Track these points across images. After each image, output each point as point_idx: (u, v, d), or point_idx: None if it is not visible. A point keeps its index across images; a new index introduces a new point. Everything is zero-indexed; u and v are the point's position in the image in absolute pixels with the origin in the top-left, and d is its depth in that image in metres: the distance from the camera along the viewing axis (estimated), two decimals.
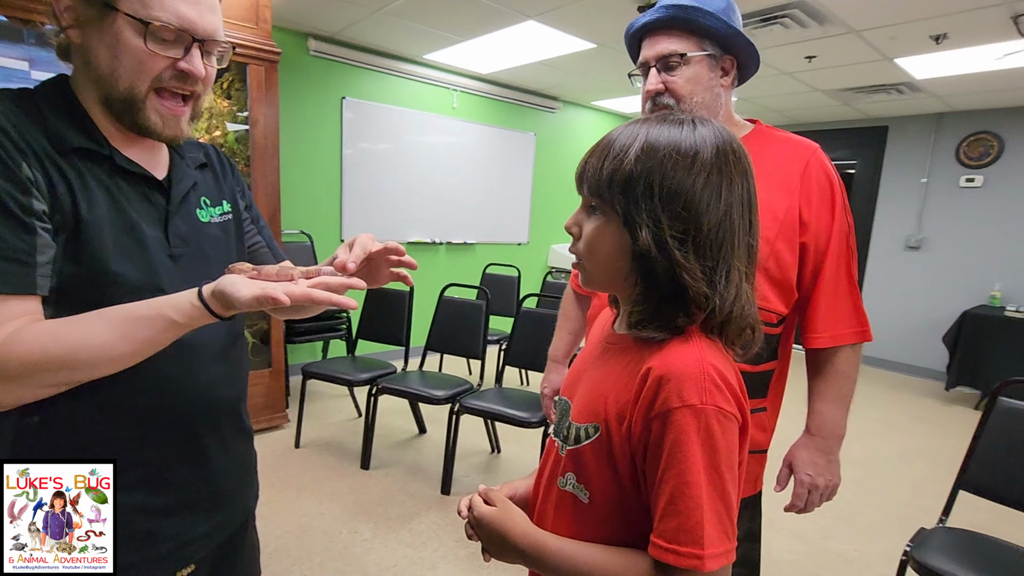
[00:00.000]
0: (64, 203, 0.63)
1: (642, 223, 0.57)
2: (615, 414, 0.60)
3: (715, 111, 1.02)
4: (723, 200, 0.58)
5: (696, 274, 0.57)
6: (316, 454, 2.76)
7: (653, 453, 0.56)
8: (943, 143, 4.75)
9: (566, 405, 0.70)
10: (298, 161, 3.70)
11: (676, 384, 0.55)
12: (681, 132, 0.59)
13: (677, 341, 0.59)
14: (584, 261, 0.64)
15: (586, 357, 0.74)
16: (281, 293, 0.59)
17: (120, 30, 0.64)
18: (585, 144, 5.60)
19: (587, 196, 0.63)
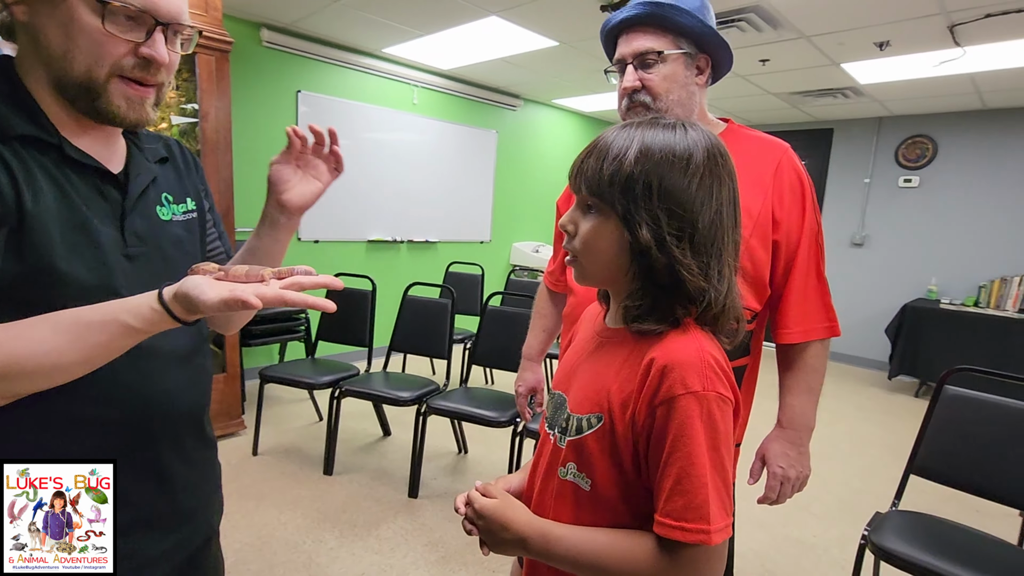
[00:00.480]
0: (6, 194, 0.57)
1: (642, 221, 0.60)
2: (618, 403, 0.63)
3: (690, 109, 1.03)
4: (715, 199, 0.62)
5: (693, 270, 0.60)
6: (276, 461, 2.65)
7: (657, 438, 0.59)
8: (883, 145, 5.02)
9: (561, 399, 0.72)
10: (251, 157, 3.55)
11: (679, 372, 0.58)
12: (675, 136, 0.62)
13: (675, 332, 0.62)
14: (580, 258, 0.66)
15: (578, 352, 0.75)
16: (251, 295, 0.55)
17: (73, 7, 0.58)
18: (547, 142, 5.64)
19: (585, 195, 0.65)
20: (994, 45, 2.97)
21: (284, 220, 0.84)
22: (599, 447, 0.64)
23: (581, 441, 0.66)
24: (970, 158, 4.60)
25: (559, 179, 5.78)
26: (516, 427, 2.26)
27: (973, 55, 3.11)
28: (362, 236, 4.24)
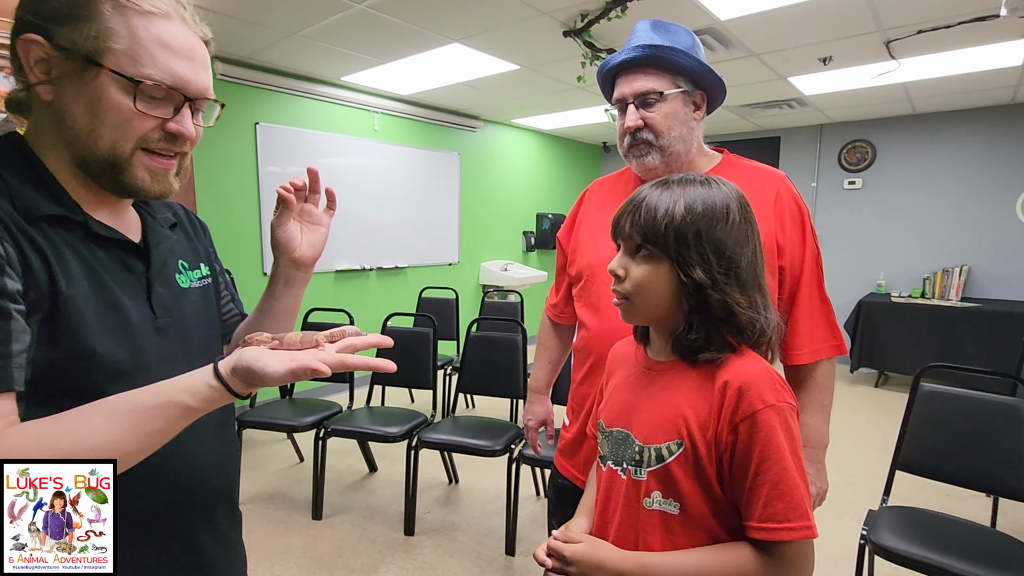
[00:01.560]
0: (39, 279, 0.54)
1: (695, 264, 0.69)
2: (697, 427, 0.68)
3: (690, 143, 1.06)
4: (750, 242, 0.72)
5: (743, 304, 0.69)
6: (260, 509, 2.54)
7: (743, 452, 0.65)
8: (827, 151, 5.31)
9: (623, 434, 0.77)
10: (212, 193, 3.44)
11: (756, 390, 0.66)
12: (711, 191, 0.71)
13: (735, 357, 0.70)
14: (633, 298, 0.73)
15: (627, 388, 0.81)
16: (320, 364, 0.54)
17: (103, 87, 0.57)
18: (508, 160, 5.69)
19: (638, 242, 0.72)
20: (925, 57, 3.21)
21: (301, 275, 0.83)
22: (683, 471, 0.69)
23: (664, 469, 0.70)
24: (906, 159, 4.92)
25: (520, 198, 5.84)
26: (511, 454, 2.24)
27: (907, 66, 3.35)
28: (329, 267, 4.15)
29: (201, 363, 0.65)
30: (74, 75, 0.56)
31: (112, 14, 0.56)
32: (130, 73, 0.57)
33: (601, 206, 1.23)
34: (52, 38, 0.56)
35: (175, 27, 0.60)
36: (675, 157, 1.07)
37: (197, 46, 0.63)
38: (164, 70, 0.58)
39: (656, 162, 1.06)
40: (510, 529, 2.22)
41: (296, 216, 0.81)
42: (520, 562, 2.17)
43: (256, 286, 3.69)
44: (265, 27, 2.92)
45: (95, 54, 0.56)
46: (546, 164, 6.10)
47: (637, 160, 1.08)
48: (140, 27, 0.57)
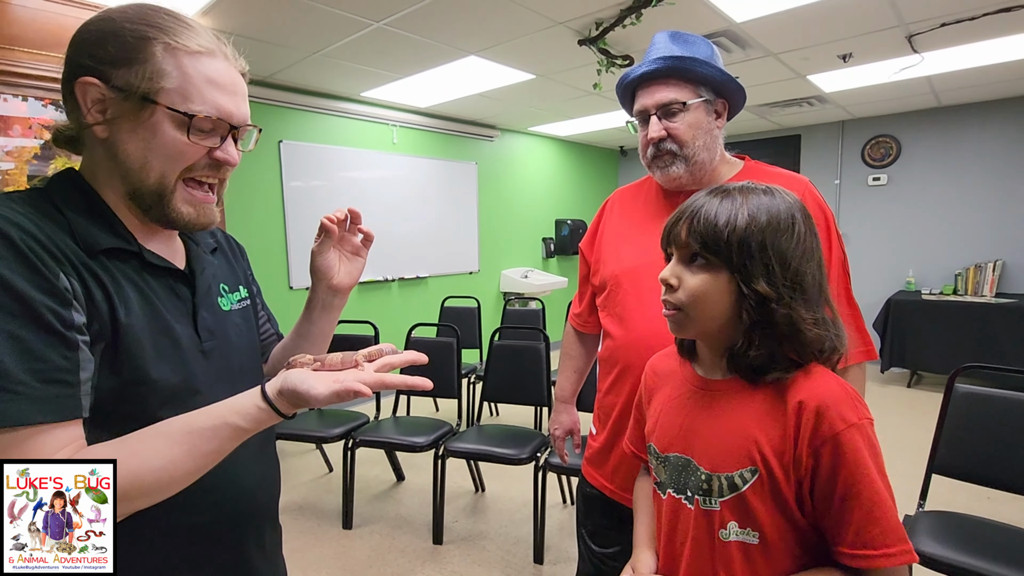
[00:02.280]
0: (102, 310, 0.57)
1: (759, 276, 0.65)
2: (771, 451, 0.65)
3: (714, 152, 1.07)
4: (815, 255, 0.69)
5: (808, 320, 0.66)
6: (291, 519, 2.58)
7: (827, 475, 0.62)
8: (849, 147, 5.22)
9: (683, 461, 0.72)
10: (239, 210, 3.53)
11: (835, 410, 0.62)
12: (774, 201, 0.68)
13: (803, 375, 0.67)
14: (687, 309, 0.70)
15: (679, 409, 0.76)
16: (360, 384, 0.57)
17: (158, 123, 0.60)
18: (526, 168, 5.71)
19: (696, 250, 0.69)
20: (949, 49, 3.14)
21: (337, 301, 0.86)
22: (761, 499, 0.65)
23: (740, 498, 0.66)
24: (933, 153, 4.81)
25: (539, 205, 5.86)
26: (537, 462, 2.25)
27: (930, 59, 3.28)
28: None
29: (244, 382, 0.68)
30: (130, 113, 0.60)
31: (164, 56, 0.60)
32: (182, 109, 0.60)
33: (623, 216, 1.24)
34: (108, 80, 0.59)
35: (219, 64, 0.64)
36: (700, 166, 1.07)
37: (238, 80, 0.66)
38: (211, 105, 0.62)
39: (681, 171, 1.07)
40: (538, 537, 2.22)
41: (336, 244, 0.85)
42: (549, 570, 2.16)
43: (283, 300, 3.77)
44: (287, 48, 3.00)
45: (151, 93, 0.59)
46: (564, 170, 6.12)
47: (661, 171, 1.09)
48: (189, 66, 0.61)
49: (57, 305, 0.53)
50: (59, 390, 0.52)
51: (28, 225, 0.54)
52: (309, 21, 2.63)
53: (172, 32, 0.61)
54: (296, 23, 2.66)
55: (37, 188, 0.62)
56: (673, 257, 0.73)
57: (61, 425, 0.53)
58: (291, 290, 3.86)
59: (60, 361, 0.53)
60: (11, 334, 0.50)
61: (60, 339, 0.53)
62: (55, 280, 0.53)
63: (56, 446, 0.52)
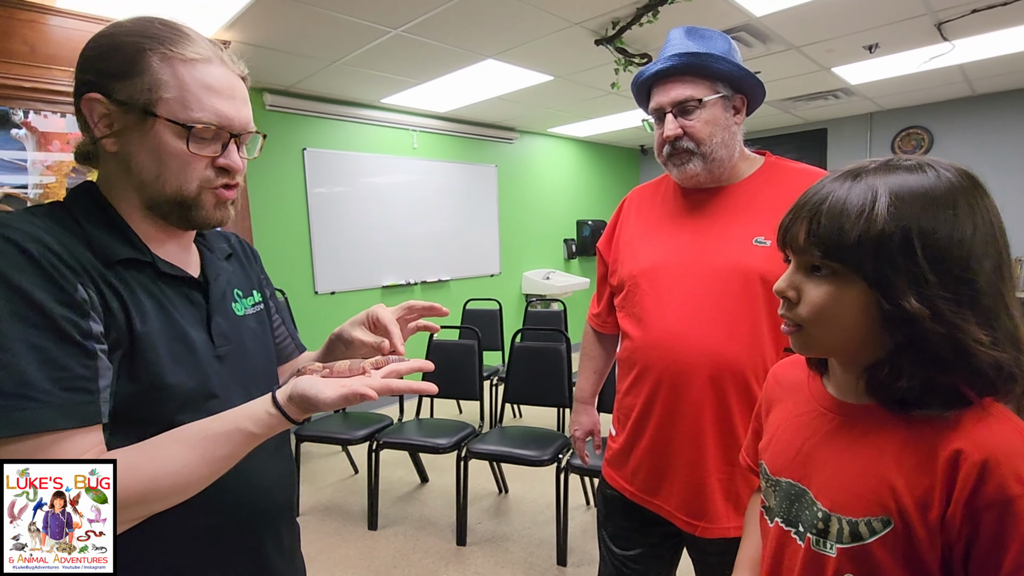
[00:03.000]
0: (119, 319, 0.59)
1: (905, 288, 0.51)
2: (912, 503, 0.52)
3: (733, 148, 1.06)
4: (991, 249, 0.52)
5: (983, 339, 0.50)
6: (318, 520, 2.63)
7: (989, 546, 0.49)
8: (879, 140, 5.07)
9: (798, 490, 0.62)
10: (265, 218, 3.61)
11: (1009, 467, 0.49)
12: (927, 178, 0.52)
13: (974, 415, 0.52)
14: (809, 327, 0.58)
15: (801, 429, 0.65)
16: (367, 389, 0.58)
17: (160, 134, 0.62)
18: (546, 170, 5.70)
19: (817, 258, 0.56)
20: (981, 36, 3.04)
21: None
22: (891, 556, 0.54)
23: (863, 549, 0.55)
24: (967, 143, 4.65)
25: (560, 206, 5.84)
26: (559, 464, 2.24)
27: (961, 47, 3.18)
28: (376, 283, 4.27)
29: (259, 384, 0.70)
30: (134, 126, 0.62)
31: (160, 66, 0.61)
32: (182, 119, 0.62)
33: (641, 215, 1.24)
34: (111, 95, 0.61)
35: (216, 69, 0.65)
36: (717, 163, 1.06)
37: (237, 84, 0.67)
38: (210, 111, 0.63)
39: (698, 169, 1.06)
40: (561, 539, 2.21)
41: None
42: (572, 572, 2.16)
43: (308, 304, 3.85)
44: (307, 57, 3.06)
45: (150, 105, 0.61)
46: (584, 171, 6.10)
47: (678, 169, 1.08)
48: (185, 74, 0.62)
49: (76, 316, 0.55)
50: (80, 397, 0.55)
51: (48, 239, 0.56)
52: (329, 31, 2.68)
53: (167, 42, 0.62)
54: (316, 33, 2.71)
55: (58, 202, 0.65)
56: (791, 263, 0.59)
57: (83, 431, 0.55)
58: (316, 295, 3.93)
59: (80, 370, 0.55)
60: (34, 345, 0.52)
61: (79, 348, 0.55)
62: (73, 292, 0.56)
63: (78, 451, 0.54)
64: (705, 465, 1.05)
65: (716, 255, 1.05)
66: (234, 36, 2.69)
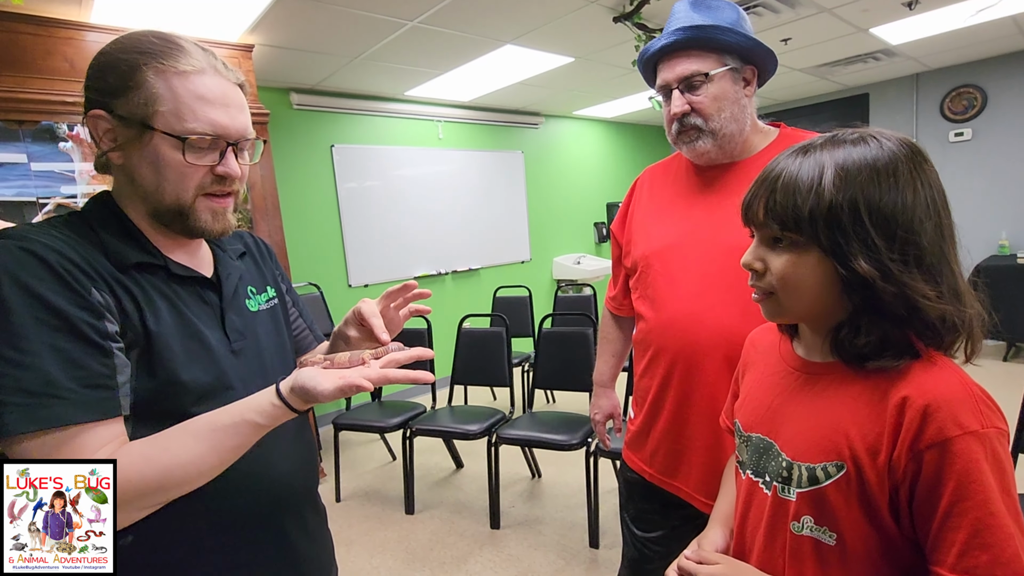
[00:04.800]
0: (133, 320, 0.63)
1: (856, 252, 0.55)
2: (864, 449, 0.57)
3: (743, 123, 1.03)
4: (931, 209, 0.57)
5: (929, 294, 0.55)
6: (359, 505, 2.73)
7: (929, 485, 0.53)
8: (925, 102, 4.79)
9: (765, 443, 0.67)
10: (297, 215, 3.72)
11: (948, 411, 0.53)
12: (869, 150, 0.57)
13: (921, 365, 0.57)
14: (779, 295, 0.62)
15: (771, 388, 0.70)
16: (362, 380, 0.60)
17: (158, 146, 0.65)
18: (574, 153, 5.64)
19: (776, 231, 0.61)
20: None
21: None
22: (844, 498, 0.58)
23: (819, 493, 0.59)
24: None
25: (589, 189, 5.78)
26: (588, 447, 2.25)
27: None
28: (408, 274, 4.34)
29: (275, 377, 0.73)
30: (135, 139, 0.65)
31: (155, 79, 0.64)
32: (177, 131, 0.64)
33: (653, 195, 1.22)
34: (112, 110, 0.65)
35: (209, 79, 0.67)
36: (728, 139, 1.03)
37: (231, 92, 0.69)
38: (205, 121, 0.65)
39: (708, 146, 1.03)
40: (592, 522, 2.23)
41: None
42: (604, 555, 2.17)
43: (342, 297, 3.95)
44: (329, 55, 3.11)
45: (147, 119, 0.64)
46: (612, 152, 6.00)
47: (687, 146, 1.06)
48: (179, 86, 0.64)
49: (92, 318, 0.59)
50: (100, 393, 0.59)
51: (64, 248, 0.60)
52: (347, 27, 2.72)
53: (161, 55, 0.64)
54: (335, 30, 2.75)
55: (77, 212, 0.69)
56: (755, 237, 0.64)
57: (104, 423, 0.59)
58: (350, 288, 4.03)
59: (99, 368, 0.59)
60: (55, 347, 0.57)
61: (97, 348, 0.59)
62: (88, 296, 0.60)
63: (99, 442, 0.58)
64: (722, 446, 1.04)
65: (730, 232, 1.03)
66: (257, 39, 2.76)
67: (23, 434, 0.55)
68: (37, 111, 2.13)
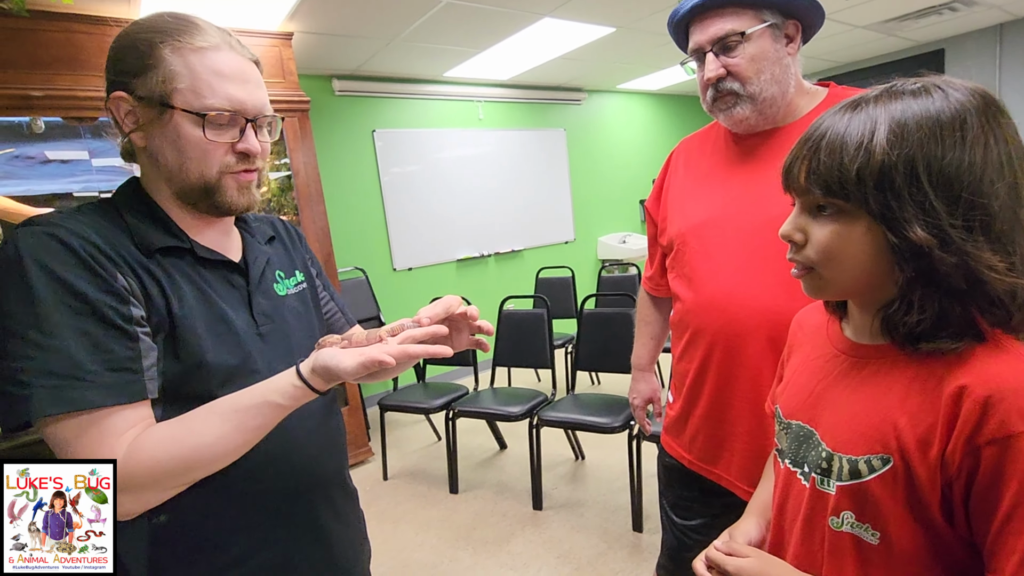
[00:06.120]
0: (158, 304, 0.64)
1: (910, 218, 0.49)
2: (914, 441, 0.51)
3: (786, 84, 0.94)
4: (1006, 168, 0.49)
5: (996, 265, 0.48)
6: (405, 484, 2.79)
7: (988, 484, 0.48)
8: (1011, 56, 4.34)
9: (806, 432, 0.62)
10: (341, 200, 3.78)
11: (1013, 403, 0.47)
12: (932, 102, 0.50)
13: (985, 350, 0.50)
14: (820, 269, 0.56)
15: (815, 372, 0.65)
16: (384, 355, 0.59)
17: (178, 124, 0.65)
18: (617, 129, 5.48)
19: (819, 197, 0.54)
20: None
21: None
22: (890, 495, 0.53)
23: (861, 487, 0.54)
24: None
25: (634, 166, 5.60)
26: (631, 431, 2.20)
27: None
28: (451, 256, 4.36)
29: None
30: (156, 119, 0.65)
31: (172, 57, 0.64)
32: (196, 108, 0.64)
33: (689, 168, 1.14)
34: (133, 91, 0.65)
35: (225, 55, 0.67)
36: (769, 103, 0.94)
37: (248, 68, 0.69)
38: (223, 96, 0.65)
39: (747, 112, 0.95)
40: (636, 506, 2.19)
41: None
42: (648, 539, 2.13)
43: (387, 282, 4.01)
44: (366, 38, 3.11)
45: (166, 97, 0.64)
46: (659, 126, 5.78)
47: (724, 114, 0.98)
48: (196, 63, 0.65)
49: (117, 303, 0.60)
50: (126, 377, 0.60)
51: (89, 234, 0.61)
52: (382, 8, 2.70)
53: (176, 33, 0.65)
54: (371, 12, 2.74)
55: (107, 198, 0.70)
56: (795, 206, 0.58)
57: (130, 407, 0.60)
58: (394, 272, 4.09)
59: (124, 352, 0.60)
60: (81, 331, 0.58)
61: (122, 332, 0.60)
62: (113, 281, 0.60)
63: (126, 425, 0.60)
64: (766, 432, 0.98)
65: (772, 204, 0.95)
66: (296, 27, 2.79)
67: (48, 416, 0.56)
68: (95, 108, 2.23)
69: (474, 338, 0.77)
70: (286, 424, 0.69)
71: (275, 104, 2.71)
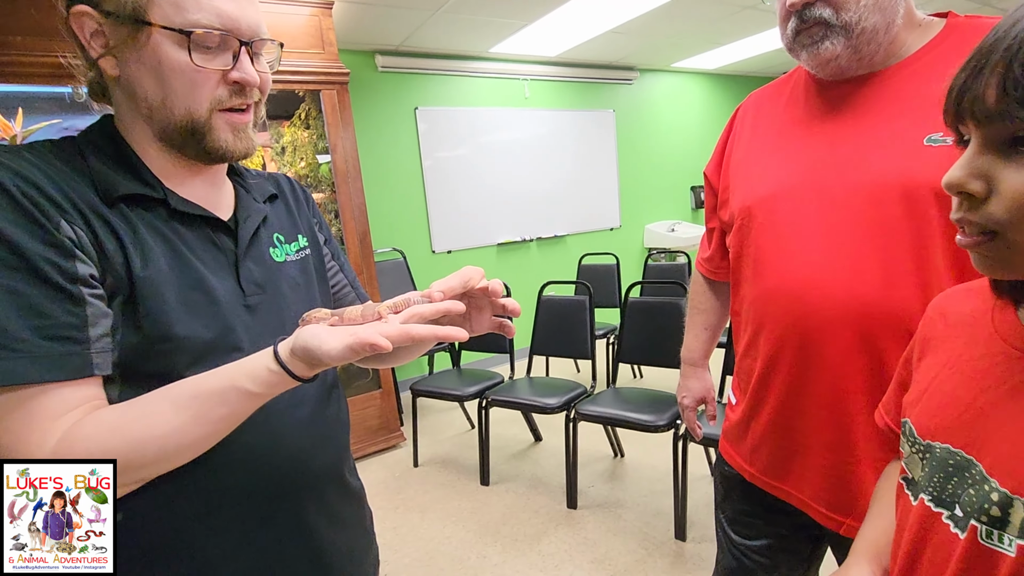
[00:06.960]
0: (115, 262, 0.53)
1: None
2: None
3: (893, 12, 0.74)
4: None
5: None
6: (435, 472, 2.71)
7: None
8: None
9: (961, 460, 0.47)
10: (380, 179, 3.71)
11: None
12: None
13: None
14: (1012, 233, 0.40)
15: (974, 378, 0.50)
16: (379, 337, 0.46)
17: (158, 46, 0.54)
18: (670, 112, 5.20)
19: (1020, 125, 0.39)
20: None
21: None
22: None
23: None
24: None
25: (687, 151, 5.31)
26: (677, 430, 2.02)
27: None
28: (492, 240, 4.24)
29: None
30: (129, 39, 0.54)
31: None
32: (178, 24, 0.53)
33: (758, 126, 0.96)
34: (98, 4, 0.54)
35: None
36: (868, 36, 0.75)
37: None
38: (210, 11, 0.54)
39: (838, 48, 0.76)
40: (679, 512, 2.01)
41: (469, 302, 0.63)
42: (692, 549, 1.96)
43: (426, 263, 3.93)
44: (408, 9, 3.00)
45: (140, 11, 0.53)
46: (714, 109, 5.45)
47: (808, 50, 0.79)
48: None
49: (58, 257, 0.49)
50: (65, 347, 0.49)
51: (32, 173, 0.51)
52: None
53: None
54: None
55: (69, 137, 0.60)
56: (971, 142, 0.43)
57: (71, 384, 0.50)
58: (433, 254, 4.01)
59: (65, 317, 0.49)
60: (9, 289, 0.47)
61: (63, 293, 0.49)
62: (55, 231, 0.50)
63: (63, 407, 0.49)
64: (853, 448, 0.80)
65: (867, 167, 0.76)
66: None
67: None
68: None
69: (499, 320, 0.63)
70: (271, 411, 0.58)
71: (313, 75, 2.62)
